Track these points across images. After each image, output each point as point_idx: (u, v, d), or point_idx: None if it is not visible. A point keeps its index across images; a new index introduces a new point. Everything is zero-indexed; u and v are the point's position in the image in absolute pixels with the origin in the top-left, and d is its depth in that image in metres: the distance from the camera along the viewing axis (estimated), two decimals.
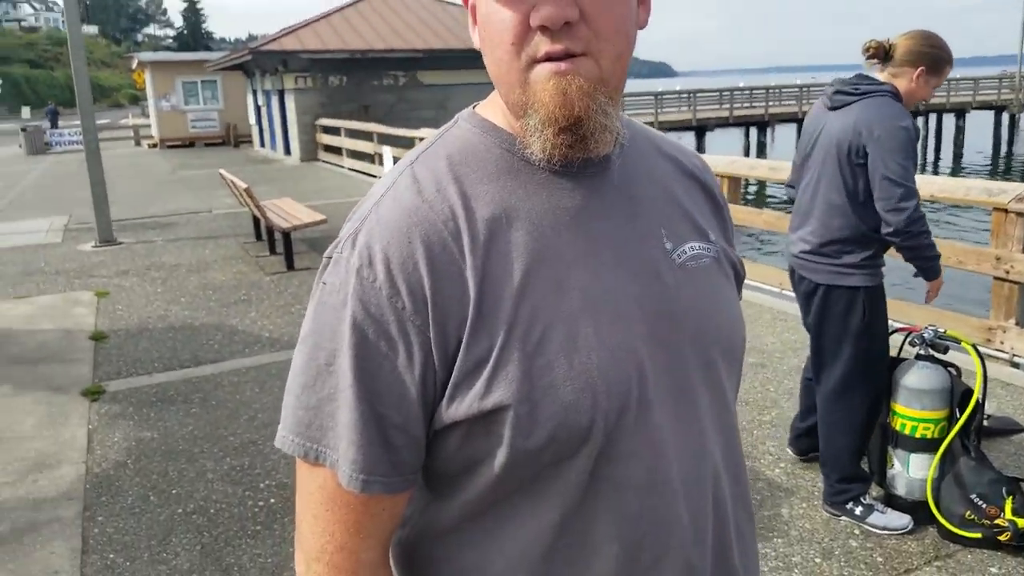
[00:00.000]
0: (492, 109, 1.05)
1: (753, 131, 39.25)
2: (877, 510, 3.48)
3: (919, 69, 3.26)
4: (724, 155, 8.78)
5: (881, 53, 3.36)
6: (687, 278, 1.05)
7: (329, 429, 0.95)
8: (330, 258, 0.99)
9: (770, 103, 38.08)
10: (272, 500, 3.98)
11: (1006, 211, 5.32)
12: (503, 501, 0.99)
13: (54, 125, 38.75)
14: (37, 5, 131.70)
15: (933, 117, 40.26)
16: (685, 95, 37.43)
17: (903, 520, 3.44)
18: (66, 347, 6.59)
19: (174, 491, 4.11)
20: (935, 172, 30.82)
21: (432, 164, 1.01)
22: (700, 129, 36.36)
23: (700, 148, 34.30)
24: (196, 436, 4.76)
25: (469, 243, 0.94)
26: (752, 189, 25.29)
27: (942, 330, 3.51)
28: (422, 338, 0.92)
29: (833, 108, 3.39)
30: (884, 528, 3.44)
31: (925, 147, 39.00)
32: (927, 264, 3.35)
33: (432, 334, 0.92)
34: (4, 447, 4.71)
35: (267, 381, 5.60)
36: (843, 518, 3.56)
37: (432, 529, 1.05)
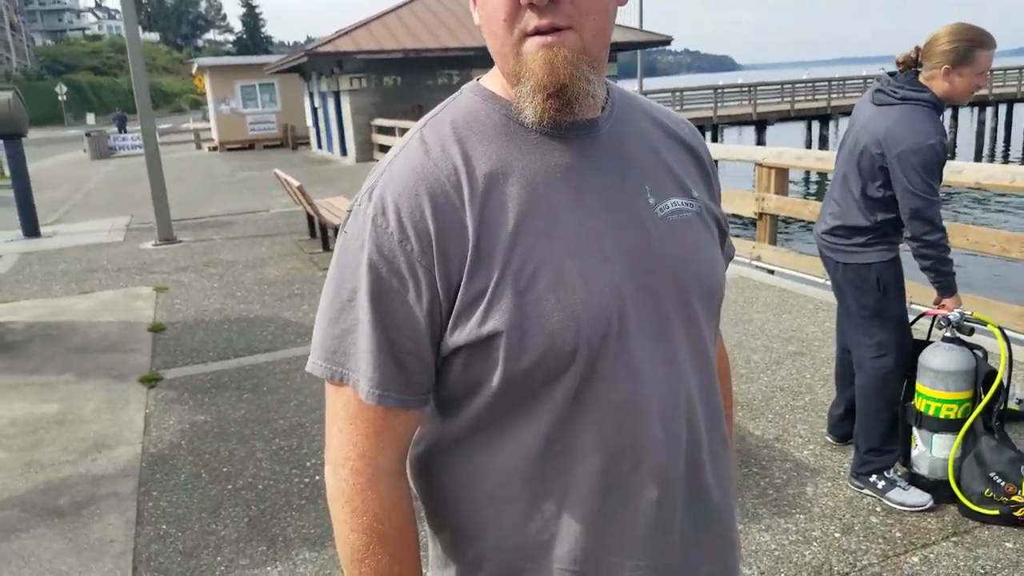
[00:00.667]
0: (492, 80, 1.19)
1: (815, 125, 37.48)
2: (899, 486, 3.55)
3: (943, 68, 3.34)
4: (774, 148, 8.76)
5: (911, 62, 3.46)
6: (669, 230, 1.18)
7: (351, 355, 1.11)
8: (351, 211, 1.15)
9: (833, 95, 36.34)
10: (317, 477, 4.16)
11: None
12: (499, 418, 1.14)
13: (122, 130, 39.73)
14: (100, 14, 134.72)
15: (1003, 107, 38.78)
16: (745, 88, 35.92)
17: (923, 498, 3.50)
18: (126, 338, 6.88)
19: (225, 469, 4.33)
20: (1005, 163, 29.58)
21: (438, 128, 1.16)
22: (760, 123, 34.82)
23: (760, 143, 32.84)
24: (248, 419, 4.97)
25: (469, 195, 1.08)
26: (814, 188, 24.98)
27: (969, 312, 3.55)
28: (428, 276, 1.07)
29: (875, 104, 3.48)
30: (903, 504, 3.50)
31: (994, 138, 37.93)
32: (943, 278, 3.43)
33: (437, 272, 1.07)
34: (66, 429, 4.98)
35: None
36: (866, 492, 3.64)
37: (440, 444, 1.22)
